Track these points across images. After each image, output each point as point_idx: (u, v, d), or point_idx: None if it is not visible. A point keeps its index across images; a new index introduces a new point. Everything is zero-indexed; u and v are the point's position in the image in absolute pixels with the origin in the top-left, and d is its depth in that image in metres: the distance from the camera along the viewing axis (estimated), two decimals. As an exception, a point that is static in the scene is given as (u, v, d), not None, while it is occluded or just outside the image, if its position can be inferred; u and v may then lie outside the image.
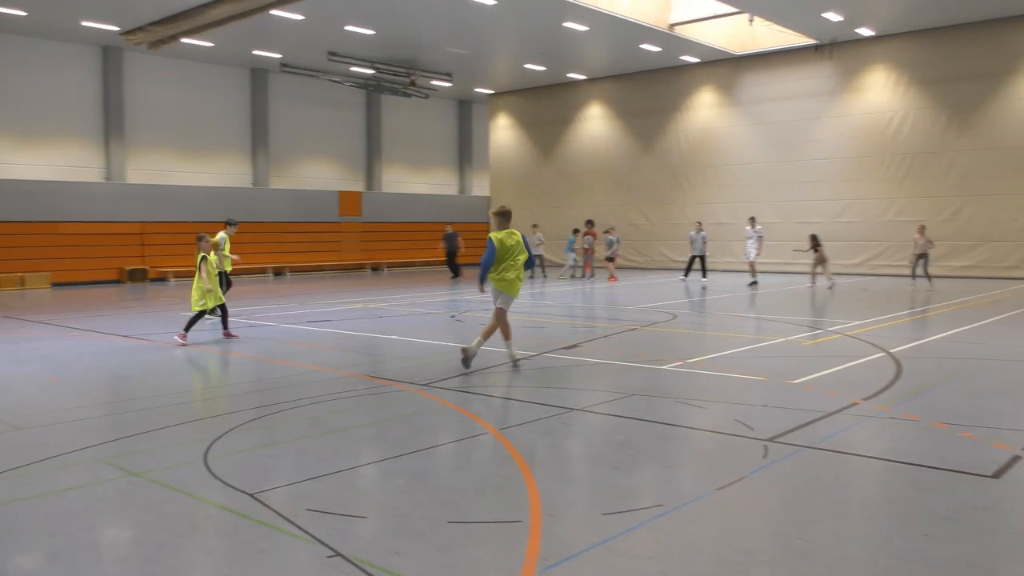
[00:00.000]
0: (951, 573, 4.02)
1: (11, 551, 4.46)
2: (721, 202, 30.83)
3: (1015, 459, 5.89)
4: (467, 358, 9.73)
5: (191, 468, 5.85)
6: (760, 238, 24.12)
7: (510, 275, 9.80)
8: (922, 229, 22.39)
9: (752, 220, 24.60)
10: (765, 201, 29.51)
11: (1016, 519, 4.81)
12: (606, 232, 27.31)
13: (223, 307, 13.03)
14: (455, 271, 28.03)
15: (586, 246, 27.61)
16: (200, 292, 12.43)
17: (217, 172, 31.40)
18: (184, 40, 25.33)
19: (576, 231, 28.25)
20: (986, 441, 6.38)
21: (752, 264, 24.12)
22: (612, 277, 26.21)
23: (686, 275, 25.61)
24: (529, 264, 10.01)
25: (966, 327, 13.46)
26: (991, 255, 25.38)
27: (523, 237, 10.03)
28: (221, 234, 15.86)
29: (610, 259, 26.66)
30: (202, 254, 12.40)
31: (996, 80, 24.98)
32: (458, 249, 28.18)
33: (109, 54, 28.03)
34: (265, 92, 32.32)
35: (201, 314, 12.60)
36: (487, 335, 9.86)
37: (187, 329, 12.36)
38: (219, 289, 12.90)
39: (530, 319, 15.37)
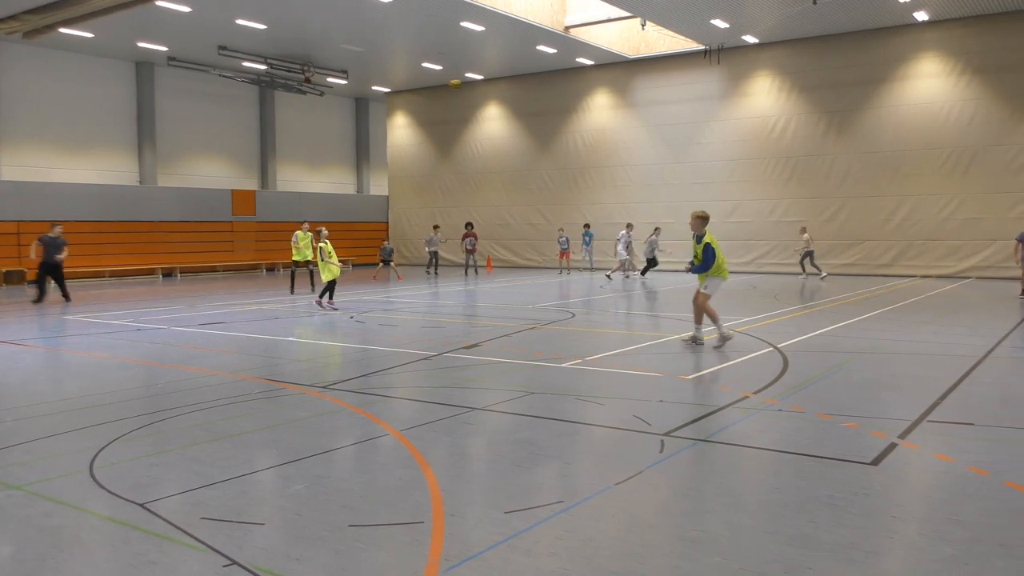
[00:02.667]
0: (836, 556, 4.22)
1: None
2: (616, 202, 31.48)
3: (892, 447, 6.23)
4: (725, 339, 11.15)
5: (75, 479, 5.57)
6: (630, 243, 26.84)
7: (723, 264, 11.45)
8: (803, 229, 24.19)
9: (629, 226, 26.99)
10: (659, 201, 30.31)
11: (893, 503, 5.08)
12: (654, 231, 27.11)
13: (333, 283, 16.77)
14: (42, 290, 19.60)
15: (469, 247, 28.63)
16: (328, 269, 16.65)
17: (101, 169, 30.02)
18: (62, 30, 24.13)
19: (587, 225, 29.62)
20: (865, 430, 6.72)
21: (622, 263, 26.74)
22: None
23: (643, 273, 26.60)
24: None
25: (847, 322, 14.15)
26: (867, 253, 26.78)
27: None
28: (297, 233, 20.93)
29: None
30: (320, 244, 16.89)
31: (870, 87, 26.39)
32: (60, 257, 19.70)
33: (-21, 43, 26.48)
34: (151, 86, 31.09)
35: (332, 282, 16.71)
36: (714, 318, 11.31)
37: (322, 295, 16.77)
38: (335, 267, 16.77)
39: (429, 319, 15.31)
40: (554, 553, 4.28)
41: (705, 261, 11.26)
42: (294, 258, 21.41)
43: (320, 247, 17.13)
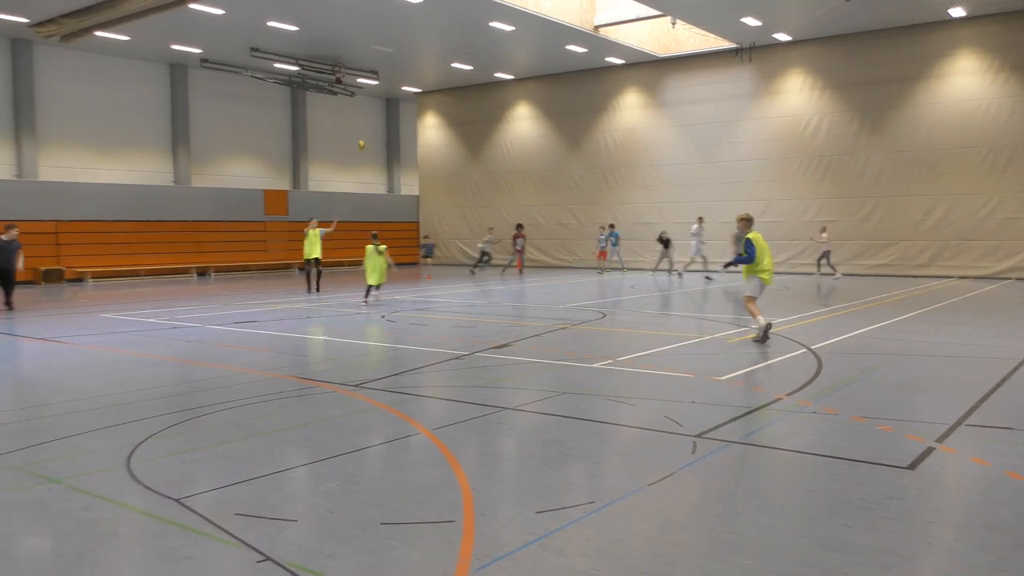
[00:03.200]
0: (870, 560, 4.17)
1: (-81, 566, 4.25)
2: (646, 202, 31.35)
3: (928, 450, 6.14)
4: (765, 332, 11.44)
5: (113, 473, 5.66)
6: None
7: (766, 266, 11.80)
8: (823, 228, 24.78)
9: (700, 219, 27.31)
10: (688, 201, 30.13)
11: (930, 508, 5.01)
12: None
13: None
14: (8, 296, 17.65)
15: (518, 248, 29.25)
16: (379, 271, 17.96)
17: (136, 169, 30.46)
18: (98, 33, 24.51)
19: (611, 226, 30.04)
20: (901, 433, 6.63)
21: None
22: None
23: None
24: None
25: (882, 323, 13.97)
26: (902, 254, 26.41)
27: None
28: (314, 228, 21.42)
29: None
30: (369, 246, 18.20)
31: (905, 85, 26.01)
32: (19, 266, 17.81)
33: (18, 47, 26.92)
34: (185, 88, 31.49)
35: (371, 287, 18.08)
36: (752, 315, 11.73)
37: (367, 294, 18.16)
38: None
39: (461, 318, 15.35)
40: (585, 553, 4.27)
41: (748, 258, 11.75)
42: (305, 257, 21.63)
43: (371, 248, 18.29)
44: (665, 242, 26.68)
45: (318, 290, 21.46)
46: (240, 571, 4.08)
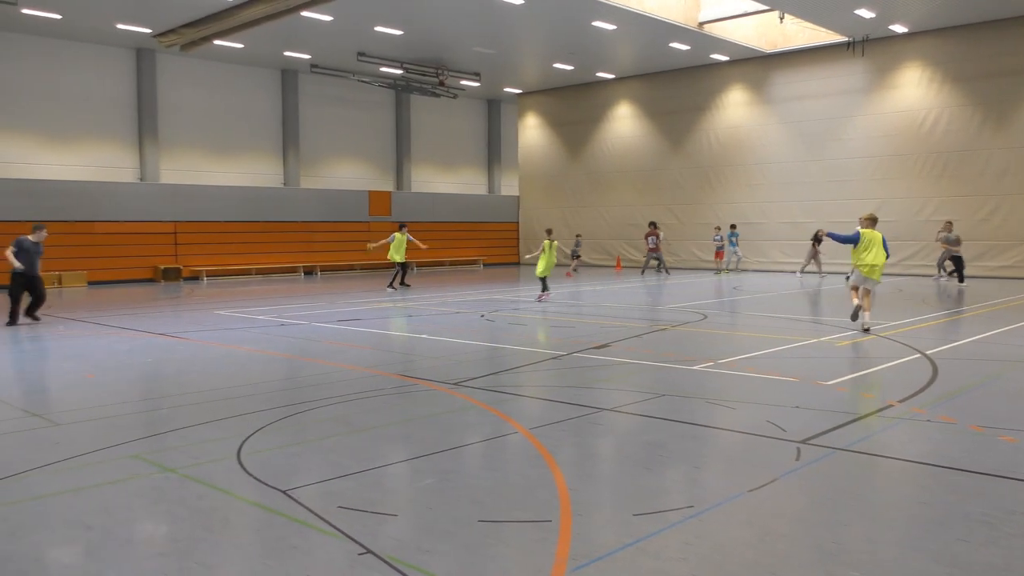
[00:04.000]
0: (988, 578, 3.96)
1: (48, 544, 4.53)
2: (750, 202, 30.60)
3: (1054, 463, 5.79)
4: (854, 312, 13.10)
5: (224, 464, 5.91)
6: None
7: (867, 260, 12.83)
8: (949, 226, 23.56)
9: (733, 226, 28.89)
10: (794, 200, 29.28)
11: (1055, 524, 4.72)
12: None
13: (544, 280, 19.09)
14: (16, 309, 14.97)
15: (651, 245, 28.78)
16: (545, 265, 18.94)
17: (248, 172, 31.72)
18: (216, 42, 25.60)
19: (733, 226, 29.48)
20: (1024, 444, 6.27)
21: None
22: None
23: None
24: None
25: (1004, 329, 13.24)
26: (1028, 255, 24.95)
27: (883, 239, 12.99)
28: (395, 234, 22.53)
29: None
30: (546, 240, 19.15)
31: (1033, 77, 24.52)
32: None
33: (142, 56, 28.45)
34: (295, 93, 32.59)
35: (543, 279, 19.02)
36: (864, 299, 13.02)
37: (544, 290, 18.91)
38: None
39: (560, 318, 15.35)
40: (683, 559, 4.21)
41: (847, 238, 13.13)
42: (393, 258, 22.72)
43: (547, 244, 19.20)
44: (817, 240, 25.64)
45: (403, 284, 22.49)
46: (342, 562, 4.19)
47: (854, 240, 12.89)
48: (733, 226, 29.21)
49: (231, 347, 12.03)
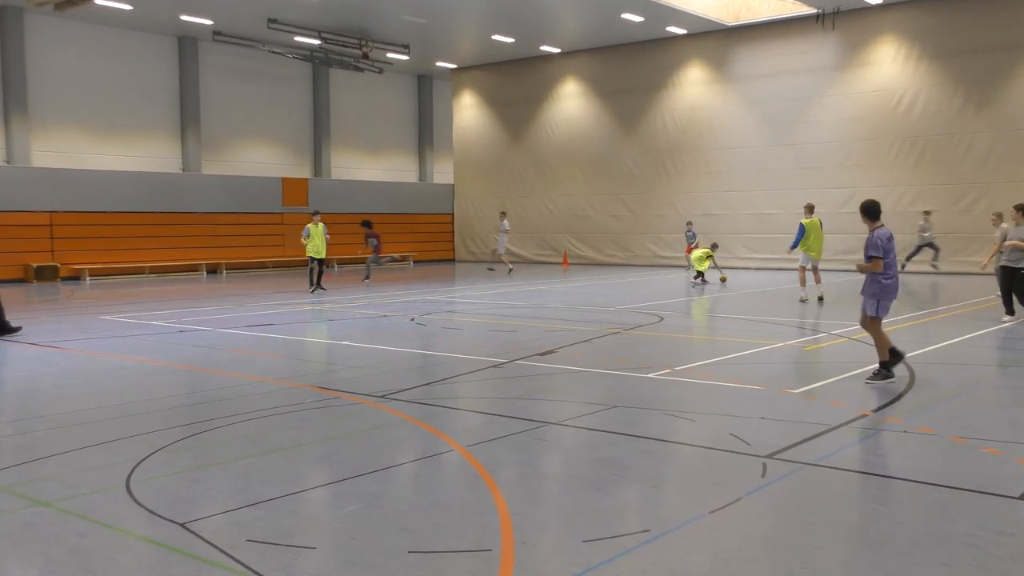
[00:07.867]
0: (972, 603, 4.07)
1: (-99, 592, 4.35)
2: (711, 191, 31.03)
3: (1040, 475, 5.99)
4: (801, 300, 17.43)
5: (110, 495, 5.76)
6: (507, 232, 29.50)
7: (811, 244, 17.52)
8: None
9: (503, 214, 30.11)
10: (759, 189, 29.80)
11: (1042, 542, 4.88)
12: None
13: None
14: None
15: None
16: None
17: (140, 155, 31.02)
18: (97, 2, 24.99)
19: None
20: (1011, 457, 6.48)
21: (501, 257, 29.34)
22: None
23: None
24: None
25: (985, 330, 13.67)
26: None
27: (820, 223, 17.89)
28: (308, 226, 21.74)
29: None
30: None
31: (1017, 53, 25.32)
32: None
33: (6, 16, 27.42)
34: (195, 64, 32.00)
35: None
36: (814, 275, 17.57)
37: None
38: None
39: (501, 322, 15.37)
40: (639, 589, 4.24)
41: (798, 239, 17.58)
42: (308, 254, 21.83)
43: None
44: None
45: (319, 285, 21.64)
46: (250, 603, 4.11)
47: (801, 235, 17.11)
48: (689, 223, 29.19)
49: (119, 358, 11.74)
